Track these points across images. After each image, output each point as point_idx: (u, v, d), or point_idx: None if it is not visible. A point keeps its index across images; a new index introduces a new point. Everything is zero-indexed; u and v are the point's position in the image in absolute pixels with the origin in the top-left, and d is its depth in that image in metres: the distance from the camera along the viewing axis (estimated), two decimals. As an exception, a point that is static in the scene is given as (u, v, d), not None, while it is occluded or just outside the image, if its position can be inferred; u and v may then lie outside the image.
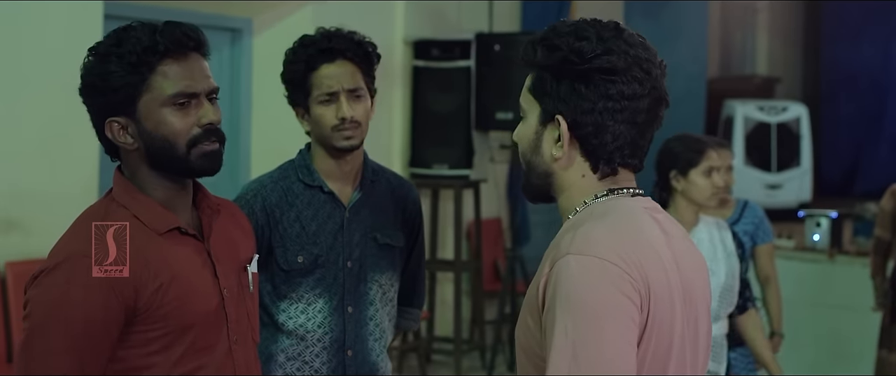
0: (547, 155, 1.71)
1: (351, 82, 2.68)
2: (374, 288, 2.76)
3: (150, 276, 1.89)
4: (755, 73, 12.11)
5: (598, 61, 1.64)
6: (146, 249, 1.91)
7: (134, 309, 1.88)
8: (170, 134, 1.93)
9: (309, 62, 2.70)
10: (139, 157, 1.97)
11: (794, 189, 9.81)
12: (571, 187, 1.72)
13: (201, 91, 1.96)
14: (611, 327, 1.54)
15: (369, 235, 2.75)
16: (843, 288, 6.38)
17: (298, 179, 2.73)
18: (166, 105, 1.93)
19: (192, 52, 1.97)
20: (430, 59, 7.11)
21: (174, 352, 1.92)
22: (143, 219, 1.95)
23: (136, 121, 1.93)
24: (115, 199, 1.98)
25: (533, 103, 1.72)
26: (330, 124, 2.67)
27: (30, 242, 5.06)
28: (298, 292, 2.69)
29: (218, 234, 2.06)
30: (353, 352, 2.72)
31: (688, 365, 1.67)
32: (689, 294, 1.68)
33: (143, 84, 1.91)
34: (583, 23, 1.70)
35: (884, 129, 11.56)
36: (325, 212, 2.72)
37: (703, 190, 3.69)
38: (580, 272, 1.57)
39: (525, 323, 1.67)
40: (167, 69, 1.93)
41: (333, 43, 2.69)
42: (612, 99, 1.65)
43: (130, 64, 1.89)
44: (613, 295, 1.55)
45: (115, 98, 1.91)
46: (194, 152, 1.95)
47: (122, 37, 1.92)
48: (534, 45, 1.70)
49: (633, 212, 1.69)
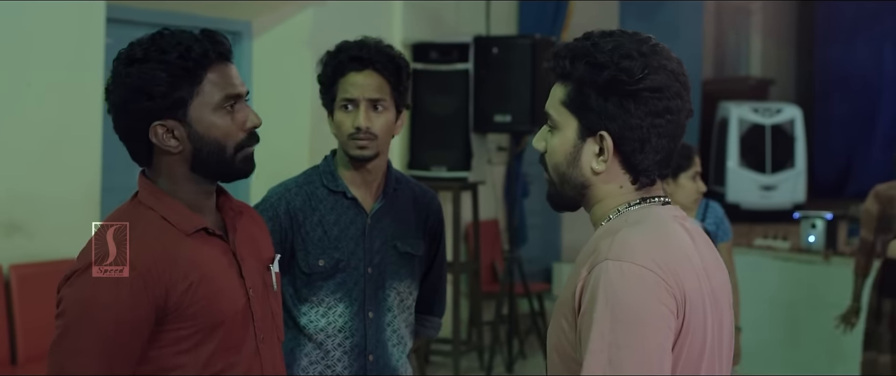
0: (586, 168, 1.74)
1: (374, 93, 2.69)
2: (392, 295, 2.78)
3: (179, 276, 1.93)
4: (749, 75, 12.15)
5: (646, 81, 1.67)
6: (175, 249, 1.95)
7: (164, 308, 1.91)
8: (221, 136, 1.99)
9: (338, 68, 2.71)
10: (179, 160, 2.00)
11: (788, 190, 9.85)
12: (608, 197, 1.75)
13: (242, 94, 2.04)
14: (648, 332, 1.58)
15: (390, 243, 2.78)
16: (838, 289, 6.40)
17: (322, 184, 2.76)
18: (219, 108, 1.99)
19: (229, 59, 2.04)
20: (428, 61, 7.14)
21: (203, 351, 1.96)
22: (170, 221, 1.99)
23: (186, 125, 1.97)
24: (142, 202, 2.02)
25: (568, 117, 1.74)
26: (346, 132, 2.70)
27: (33, 245, 5.08)
28: (319, 295, 2.72)
29: (241, 235, 2.11)
30: (375, 357, 2.75)
31: (716, 368, 1.71)
32: (715, 298, 1.72)
33: (194, 89, 1.97)
34: (620, 37, 1.72)
35: (877, 130, 11.60)
36: (347, 217, 2.74)
37: (690, 193, 3.92)
38: (619, 277, 1.59)
39: (559, 325, 1.70)
40: (217, 74, 1.99)
41: (364, 52, 2.70)
42: (660, 115, 1.69)
43: (184, 69, 1.94)
44: (651, 302, 1.59)
45: (164, 103, 1.95)
46: (239, 155, 2.02)
47: (165, 44, 1.95)
48: (571, 60, 1.72)
49: (665, 221, 1.72)
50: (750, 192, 9.78)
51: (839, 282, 6.42)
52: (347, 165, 2.76)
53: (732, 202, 9.67)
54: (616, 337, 1.56)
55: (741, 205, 9.69)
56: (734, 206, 9.66)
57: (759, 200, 9.74)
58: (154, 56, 1.94)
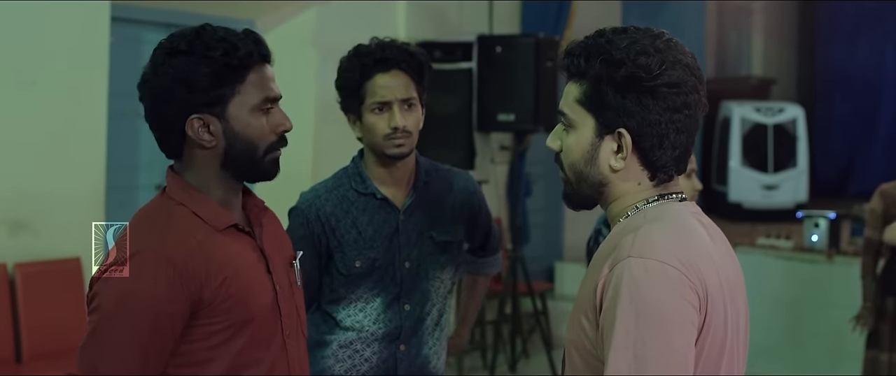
0: (604, 166, 1.74)
1: (404, 93, 2.76)
2: (435, 284, 2.86)
3: (214, 271, 1.95)
4: (751, 75, 12.16)
5: (665, 76, 1.68)
6: (208, 245, 1.97)
7: (199, 303, 1.93)
8: (255, 137, 2.01)
9: (364, 71, 2.75)
10: (211, 156, 2.02)
11: (790, 190, 9.86)
12: (626, 195, 1.76)
13: (278, 97, 2.07)
14: (671, 329, 1.58)
15: (426, 235, 2.84)
16: (841, 288, 6.41)
17: (352, 187, 2.82)
18: (256, 109, 2.01)
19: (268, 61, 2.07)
20: (431, 60, 7.11)
21: (234, 346, 1.98)
22: (202, 216, 2.00)
23: (223, 122, 1.99)
24: (172, 198, 2.03)
25: (585, 115, 1.74)
26: (382, 133, 2.74)
27: (38, 243, 5.09)
28: (357, 293, 2.79)
29: (267, 232, 2.14)
30: (407, 347, 2.83)
31: (735, 362, 1.72)
32: (732, 294, 1.72)
33: (236, 87, 1.99)
34: (634, 33, 1.72)
35: (878, 130, 11.61)
36: (379, 217, 2.80)
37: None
38: (642, 275, 1.59)
39: (579, 322, 1.70)
40: (255, 76, 2.01)
41: (388, 53, 2.75)
42: (678, 111, 1.69)
43: (228, 66, 1.97)
44: (675, 299, 1.59)
45: (204, 97, 1.97)
46: (268, 157, 2.05)
47: (210, 39, 1.98)
48: (586, 58, 1.72)
49: (684, 217, 1.73)
50: (752, 192, 9.79)
51: (842, 282, 6.43)
52: (378, 164, 2.81)
53: (734, 201, 9.68)
54: (641, 334, 1.56)
55: (743, 204, 9.71)
56: (736, 206, 9.68)
57: (761, 200, 9.75)
58: (198, 50, 1.96)
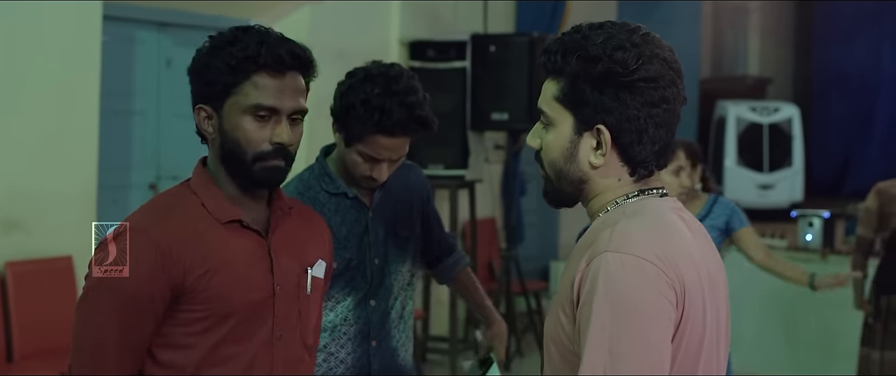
0: (584, 163, 1.72)
1: (399, 153, 2.68)
2: (397, 279, 2.86)
3: (200, 260, 2.01)
4: (747, 74, 12.16)
5: (642, 71, 1.66)
6: (205, 235, 2.04)
7: (181, 287, 2.00)
8: (242, 140, 2.04)
9: (367, 126, 2.60)
10: (215, 148, 2.10)
11: (785, 189, 9.86)
12: (606, 191, 1.74)
13: (284, 109, 2.05)
14: (648, 325, 1.57)
15: (391, 231, 2.84)
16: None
17: (322, 189, 2.78)
18: (247, 113, 2.03)
19: (291, 71, 2.07)
20: (425, 59, 7.14)
21: (213, 336, 2.03)
22: (208, 208, 2.07)
23: (219, 116, 2.06)
24: (189, 187, 2.12)
25: (563, 112, 1.72)
26: (362, 174, 2.68)
27: (30, 242, 5.08)
28: (330, 293, 2.76)
29: (283, 234, 2.16)
30: (378, 342, 2.83)
31: (714, 359, 1.71)
32: (713, 290, 1.71)
33: (235, 86, 2.03)
34: (610, 29, 1.70)
35: (874, 129, 11.62)
36: (351, 217, 2.78)
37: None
38: (619, 270, 1.59)
39: (557, 316, 1.69)
40: (260, 80, 2.03)
41: (398, 118, 2.58)
42: (656, 105, 1.67)
43: (231, 65, 2.01)
44: (651, 294, 1.58)
45: (210, 90, 2.04)
46: (258, 165, 2.06)
47: (237, 36, 2.03)
48: (562, 55, 1.70)
49: (663, 213, 1.71)
50: (747, 191, 9.79)
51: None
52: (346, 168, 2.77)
53: (730, 200, 9.67)
54: (616, 329, 1.55)
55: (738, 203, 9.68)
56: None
57: (757, 199, 9.75)
58: (222, 45, 2.03)
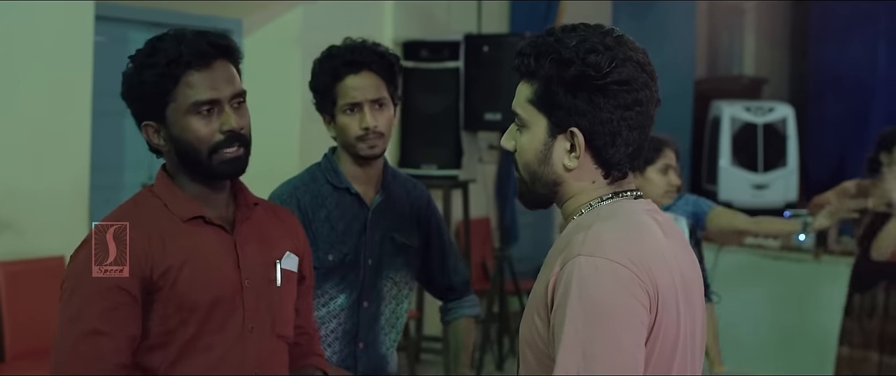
0: (558, 165, 1.73)
1: (374, 93, 2.77)
2: (388, 285, 2.89)
3: (164, 256, 2.07)
4: (742, 74, 12.16)
5: (614, 74, 1.66)
6: (167, 233, 2.10)
7: (150, 281, 2.06)
8: (194, 140, 2.08)
9: (334, 73, 2.78)
10: (171, 158, 2.15)
11: (780, 189, 9.86)
12: (580, 193, 1.75)
13: (223, 98, 2.10)
14: (621, 329, 1.57)
15: (388, 235, 2.88)
16: (829, 287, 6.42)
17: (327, 181, 2.85)
18: (190, 113, 2.07)
19: (218, 60, 2.10)
20: (418, 59, 7.14)
21: (188, 330, 2.09)
22: (170, 207, 2.13)
23: (166, 127, 2.09)
24: (151, 190, 2.18)
25: (537, 115, 1.73)
26: (354, 134, 2.77)
27: (22, 242, 5.08)
28: (323, 288, 2.81)
29: (249, 229, 2.21)
30: (365, 345, 2.85)
31: (688, 362, 1.71)
32: (687, 293, 1.71)
33: (170, 93, 2.06)
34: (583, 31, 1.70)
35: (870, 130, 11.56)
36: (351, 212, 2.84)
37: (658, 187, 3.89)
38: (592, 273, 1.59)
39: (531, 320, 1.70)
40: (191, 79, 2.06)
41: (357, 55, 2.77)
42: (629, 108, 1.68)
43: (159, 74, 2.04)
44: (624, 298, 1.59)
45: (148, 105, 2.09)
46: (215, 158, 2.10)
47: (156, 47, 2.07)
48: (536, 58, 1.71)
49: (637, 215, 1.72)
50: (742, 191, 9.79)
51: (830, 281, 6.43)
52: (351, 162, 2.84)
53: (724, 200, 9.66)
54: (589, 333, 1.56)
55: (733, 203, 9.67)
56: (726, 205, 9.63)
57: (751, 199, 9.73)
58: (145, 60, 2.06)
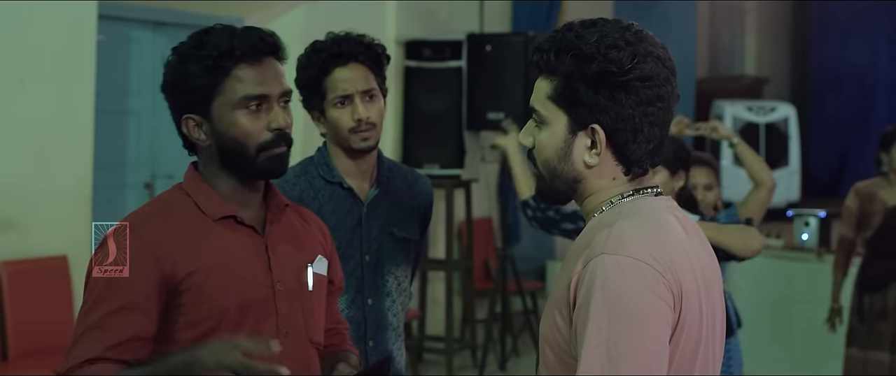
0: (578, 162, 1.71)
1: (364, 84, 2.74)
2: (390, 281, 2.85)
3: (191, 257, 2.00)
4: (744, 74, 12.16)
5: (637, 70, 1.64)
6: (197, 233, 2.04)
7: (173, 281, 1.99)
8: (241, 135, 2.03)
9: (322, 67, 2.75)
10: (210, 154, 2.08)
11: (782, 188, 9.82)
12: (601, 190, 1.73)
13: (273, 94, 2.05)
14: (645, 327, 1.56)
15: (386, 230, 2.83)
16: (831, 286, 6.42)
17: (319, 175, 2.81)
18: (239, 108, 2.02)
19: (268, 57, 2.06)
20: (421, 59, 7.14)
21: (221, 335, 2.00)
22: (201, 206, 2.06)
23: (210, 121, 2.04)
24: (182, 188, 2.11)
25: (557, 111, 1.70)
26: (347, 126, 2.74)
27: (25, 241, 5.08)
28: None
29: (280, 231, 2.15)
30: (375, 343, 2.81)
31: (710, 359, 1.70)
32: (708, 291, 1.70)
33: (218, 86, 2.02)
34: (603, 26, 1.68)
35: (871, 129, 11.59)
36: (344, 207, 2.79)
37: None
38: (615, 272, 1.57)
39: (552, 319, 1.68)
40: (241, 73, 2.02)
41: (344, 47, 2.74)
42: (651, 104, 1.66)
43: (208, 66, 2.00)
44: (649, 296, 1.57)
45: (192, 97, 2.03)
46: (263, 155, 2.05)
47: (204, 39, 2.02)
48: (556, 54, 1.68)
49: (659, 213, 1.70)
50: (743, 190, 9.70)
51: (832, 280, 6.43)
52: (343, 157, 2.80)
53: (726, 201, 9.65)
54: (614, 332, 1.55)
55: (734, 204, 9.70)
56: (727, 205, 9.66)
57: (753, 198, 9.74)
58: (192, 51, 2.01)
